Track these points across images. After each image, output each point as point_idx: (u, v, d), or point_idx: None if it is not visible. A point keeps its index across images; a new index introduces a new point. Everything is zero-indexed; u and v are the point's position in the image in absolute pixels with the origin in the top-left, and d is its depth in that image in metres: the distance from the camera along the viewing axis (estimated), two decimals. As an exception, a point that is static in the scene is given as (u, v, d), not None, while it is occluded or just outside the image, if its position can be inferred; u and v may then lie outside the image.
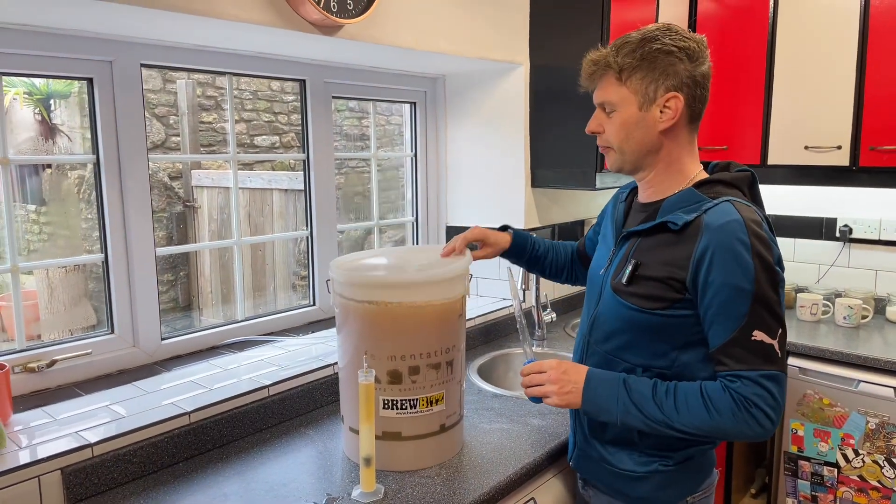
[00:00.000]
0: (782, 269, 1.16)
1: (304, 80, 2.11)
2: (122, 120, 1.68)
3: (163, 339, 1.82)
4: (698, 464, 1.29)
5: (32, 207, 4.29)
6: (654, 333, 1.21)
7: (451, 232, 2.67)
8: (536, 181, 2.49)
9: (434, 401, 1.41)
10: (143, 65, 1.72)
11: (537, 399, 1.30)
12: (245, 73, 1.98)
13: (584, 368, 1.26)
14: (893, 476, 2.18)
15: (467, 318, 2.26)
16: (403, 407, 1.39)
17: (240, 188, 4.05)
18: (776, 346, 1.11)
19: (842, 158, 2.45)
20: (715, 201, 1.17)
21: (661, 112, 1.20)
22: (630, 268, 1.22)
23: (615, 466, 1.31)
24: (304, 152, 2.16)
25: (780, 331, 1.12)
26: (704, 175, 1.26)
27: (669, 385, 1.18)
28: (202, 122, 4.34)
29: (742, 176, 1.23)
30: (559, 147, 2.43)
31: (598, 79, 1.25)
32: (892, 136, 2.33)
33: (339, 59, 2.12)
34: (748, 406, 1.11)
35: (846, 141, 2.44)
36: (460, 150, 2.61)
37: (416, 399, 1.39)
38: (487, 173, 2.55)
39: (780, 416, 1.12)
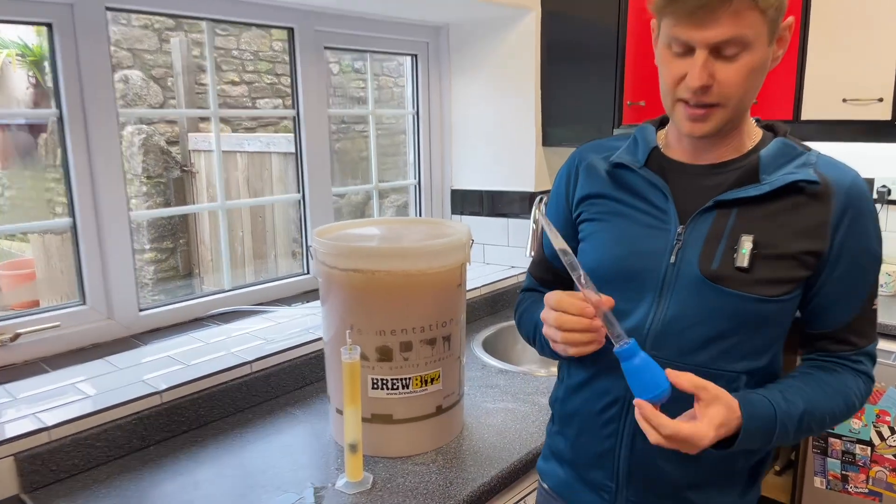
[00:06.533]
0: None
1: (291, 28, 1.92)
2: (86, 70, 1.52)
3: (141, 311, 1.69)
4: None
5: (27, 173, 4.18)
6: (761, 327, 0.95)
7: (457, 196, 2.50)
8: (548, 140, 2.30)
9: (429, 380, 1.26)
10: (108, 8, 1.55)
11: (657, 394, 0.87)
12: (224, 20, 1.80)
13: (731, 412, 0.87)
14: (933, 456, 2.02)
15: (471, 287, 2.11)
16: (395, 387, 1.25)
17: (238, 152, 3.90)
18: None
19: (883, 112, 2.24)
20: (813, 153, 0.97)
21: (778, 44, 0.92)
22: (749, 246, 0.94)
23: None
24: (293, 108, 1.99)
25: None
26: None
27: (809, 398, 0.96)
28: (199, 84, 4.17)
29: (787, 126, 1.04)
30: (574, 102, 2.24)
31: (717, 6, 0.84)
32: (941, 86, 2.11)
33: (331, 5, 1.93)
34: (871, 385, 0.99)
35: (889, 93, 2.22)
36: (466, 108, 2.42)
37: (409, 378, 1.25)
38: (495, 132, 2.36)
39: None
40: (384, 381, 1.24)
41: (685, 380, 0.86)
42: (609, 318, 0.88)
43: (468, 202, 2.48)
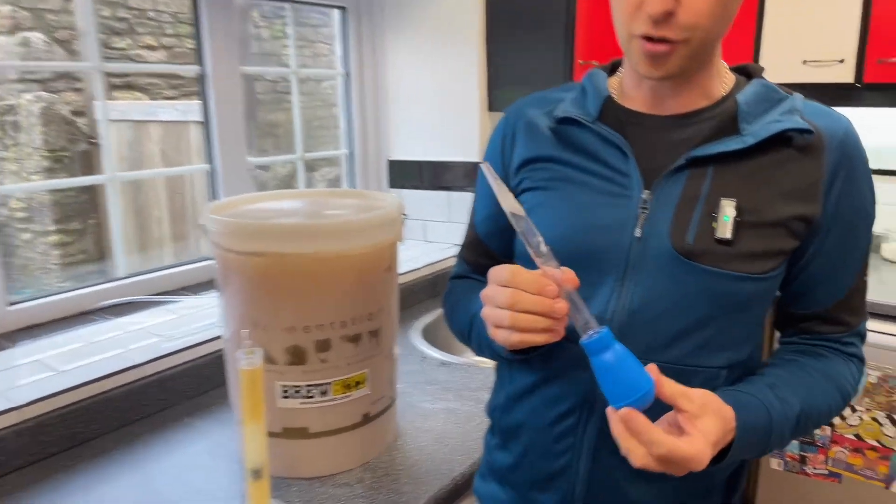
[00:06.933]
0: None
1: (193, -31, 1.64)
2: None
3: (11, 305, 1.40)
4: None
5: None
6: (744, 311, 0.79)
7: (394, 167, 2.27)
8: (494, 104, 2.09)
9: (353, 384, 1.05)
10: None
11: None
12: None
13: (725, 422, 0.70)
14: (894, 434, 1.94)
15: (409, 269, 1.89)
16: (310, 394, 1.02)
17: (151, 121, 3.54)
18: None
19: (845, 74, 2.12)
20: (797, 96, 0.80)
21: None
22: (731, 213, 0.76)
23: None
24: (199, 65, 1.71)
25: None
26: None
27: (805, 394, 0.80)
28: (111, 49, 3.77)
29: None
30: (521, 62, 2.03)
31: None
32: (904, 47, 1.99)
33: (239, -58, 1.65)
34: (864, 368, 0.86)
35: (850, 53, 2.10)
36: (403, 69, 2.18)
37: (328, 383, 1.03)
38: (436, 96, 2.13)
39: None
40: (297, 388, 1.02)
41: (665, 387, 0.67)
42: (575, 301, 0.68)
43: (407, 174, 2.25)
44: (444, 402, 1.32)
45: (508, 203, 0.72)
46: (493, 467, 0.94)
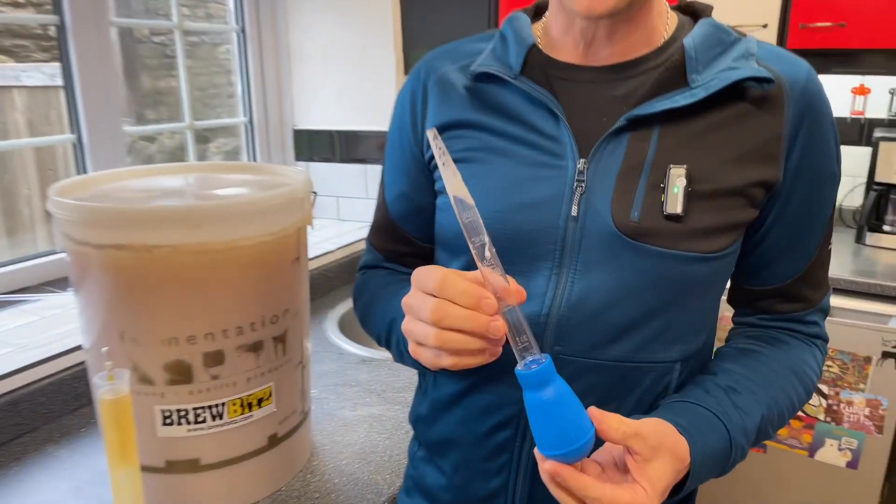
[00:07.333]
0: None
1: None
2: None
3: None
4: None
5: None
6: (699, 295, 0.68)
7: (301, 138, 2.04)
8: (411, 67, 1.90)
9: (255, 402, 0.86)
10: None
11: None
12: None
13: (679, 461, 0.59)
14: (818, 404, 1.95)
15: (321, 252, 1.69)
16: (200, 419, 0.82)
17: (15, 87, 3.10)
18: None
19: (768, 38, 2.07)
20: (751, 39, 0.67)
21: None
22: (682, 183, 0.63)
23: None
24: (56, 14, 1.42)
25: None
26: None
27: (766, 398, 0.69)
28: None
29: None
30: (441, 20, 1.85)
31: None
32: (826, 12, 1.96)
33: None
34: (826, 349, 0.77)
35: (773, 18, 2.06)
36: (307, 27, 1.94)
37: (223, 404, 0.83)
38: (346, 58, 1.92)
39: None
40: (182, 413, 0.82)
41: (613, 430, 0.56)
42: (517, 319, 0.54)
43: (316, 146, 2.03)
44: (366, 407, 1.15)
45: (455, 185, 0.56)
46: (419, 482, 0.81)
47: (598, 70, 0.68)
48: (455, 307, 0.54)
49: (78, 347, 1.12)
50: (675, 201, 0.63)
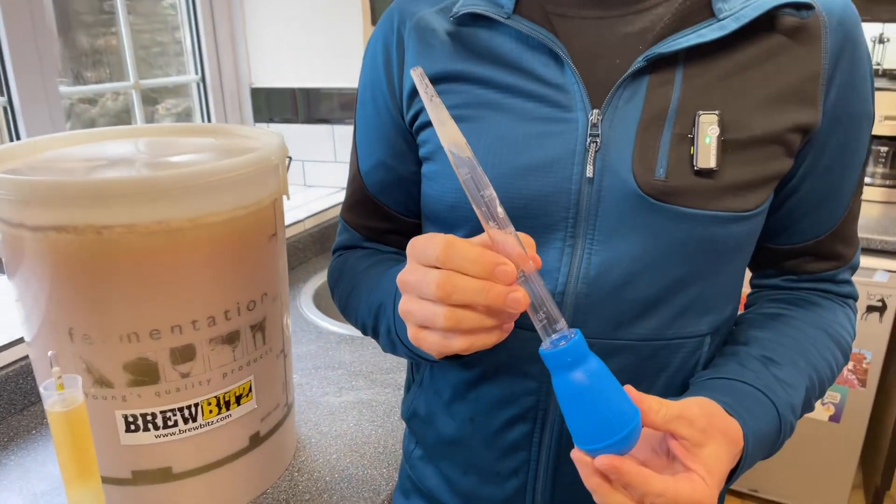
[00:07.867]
0: None
1: None
2: None
3: None
4: None
5: None
6: (729, 261, 0.60)
7: (260, 97, 1.88)
8: (379, 15, 1.75)
9: (233, 399, 0.75)
10: None
11: None
12: None
13: (733, 444, 0.51)
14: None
15: (290, 221, 1.57)
16: (170, 423, 0.72)
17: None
18: None
19: None
20: None
21: None
22: (714, 131, 0.54)
23: None
24: (-30, -45, 1.23)
25: None
26: None
27: (808, 369, 0.61)
28: None
29: None
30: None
31: None
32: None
33: None
34: (856, 308, 0.70)
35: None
36: (262, -28, 1.77)
37: (195, 405, 0.72)
38: (307, 6, 1.75)
39: None
40: (149, 418, 0.71)
41: (654, 413, 0.47)
42: (536, 290, 0.45)
43: (276, 105, 1.87)
44: (353, 392, 1.05)
45: (450, 135, 0.45)
46: (419, 485, 0.73)
47: (607, 3, 0.57)
48: (465, 278, 0.44)
49: (20, 340, 0.99)
50: (707, 153, 0.54)
